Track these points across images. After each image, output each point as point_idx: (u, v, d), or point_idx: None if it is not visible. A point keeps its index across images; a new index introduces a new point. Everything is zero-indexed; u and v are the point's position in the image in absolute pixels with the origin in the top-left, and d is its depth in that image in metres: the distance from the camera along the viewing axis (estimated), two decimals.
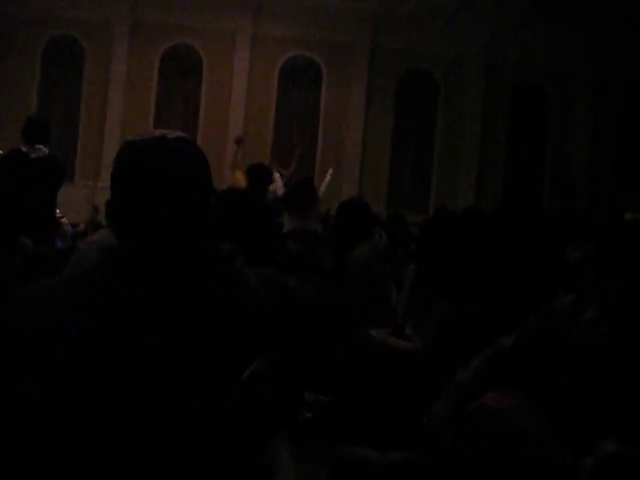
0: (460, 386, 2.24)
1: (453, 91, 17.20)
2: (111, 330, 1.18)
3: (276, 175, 7.96)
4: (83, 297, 1.22)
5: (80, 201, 13.38)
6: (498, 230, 3.32)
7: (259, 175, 6.19)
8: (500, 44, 16.57)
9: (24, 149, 5.14)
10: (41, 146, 5.15)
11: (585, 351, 1.93)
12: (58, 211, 5.58)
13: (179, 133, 1.33)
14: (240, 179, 7.98)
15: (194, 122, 17.14)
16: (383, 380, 3.05)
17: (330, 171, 9.87)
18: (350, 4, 16.03)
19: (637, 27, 14.39)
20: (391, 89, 17.22)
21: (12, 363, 1.20)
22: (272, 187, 7.14)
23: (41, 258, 4.10)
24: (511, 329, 2.27)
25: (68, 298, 1.23)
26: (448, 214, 4.03)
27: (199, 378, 1.21)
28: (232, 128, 16.88)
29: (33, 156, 5.08)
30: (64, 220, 9.61)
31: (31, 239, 4.24)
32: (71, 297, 1.23)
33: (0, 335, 1.22)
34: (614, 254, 2.01)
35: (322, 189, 8.82)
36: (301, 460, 2.24)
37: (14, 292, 1.32)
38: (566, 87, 16.84)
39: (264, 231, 2.11)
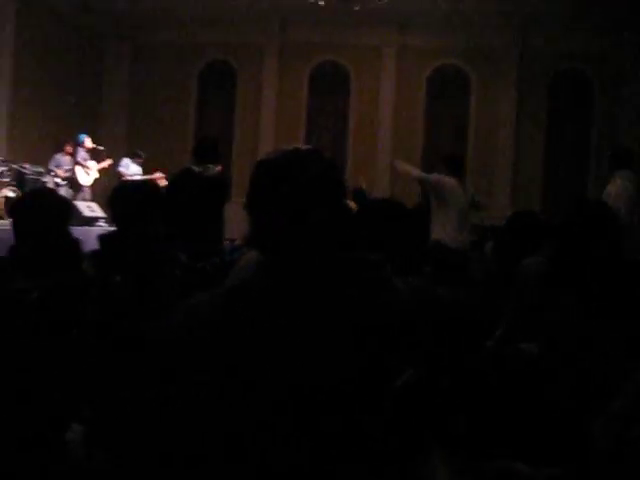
0: (616, 414, 2.14)
1: (607, 88, 16.45)
2: (266, 337, 1.23)
3: None
4: (240, 307, 1.27)
5: (236, 217, 13.86)
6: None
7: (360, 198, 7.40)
8: None
9: (195, 168, 5.40)
10: (211, 165, 5.39)
11: None
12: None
13: (309, 146, 1.38)
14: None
15: (344, 137, 17.39)
16: (531, 393, 2.96)
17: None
18: (496, 8, 15.70)
19: None
20: (542, 92, 16.72)
21: (177, 369, 1.26)
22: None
23: (200, 271, 4.27)
24: None
25: (226, 308, 1.29)
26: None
27: (348, 384, 1.23)
28: (381, 141, 17.00)
29: (205, 175, 5.33)
30: None
31: (200, 253, 4.43)
32: (229, 307, 1.29)
33: (165, 343, 1.30)
34: None
35: None
36: (456, 473, 2.21)
37: (177, 304, 1.40)
38: None
39: (412, 240, 2.11)
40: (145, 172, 13.20)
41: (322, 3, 13.02)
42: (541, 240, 4.31)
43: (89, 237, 9.19)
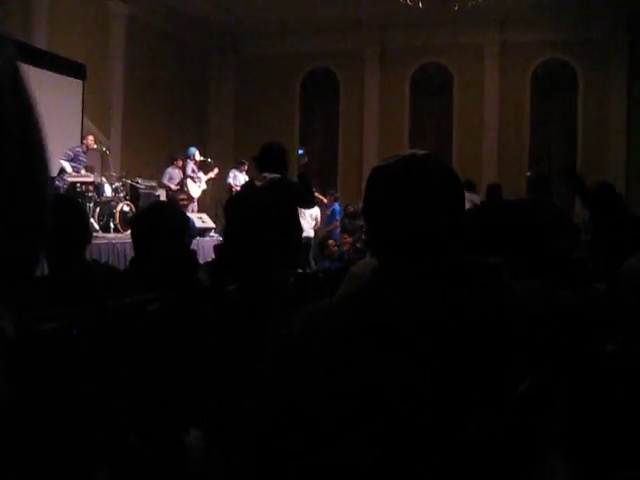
0: None
1: None
2: (383, 347, 1.23)
3: None
4: (355, 316, 1.28)
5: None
6: None
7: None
8: None
9: (255, 180, 5.32)
10: (267, 173, 5.24)
11: None
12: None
13: (426, 151, 1.36)
14: None
15: (448, 138, 17.22)
16: None
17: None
18: None
19: None
20: None
21: (301, 381, 1.27)
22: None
23: (311, 278, 4.33)
24: None
25: (341, 317, 1.30)
26: None
27: (473, 394, 1.22)
28: (486, 140, 16.73)
29: (258, 184, 5.22)
30: (331, 242, 10.07)
31: (277, 262, 4.41)
32: (343, 316, 1.30)
33: (288, 353, 1.32)
34: None
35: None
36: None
37: (293, 311, 1.42)
38: None
39: (530, 242, 2.07)
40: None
41: (421, 6, 12.93)
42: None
43: (201, 248, 9.47)
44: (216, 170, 13.72)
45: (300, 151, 5.88)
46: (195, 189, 13.37)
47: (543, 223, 2.19)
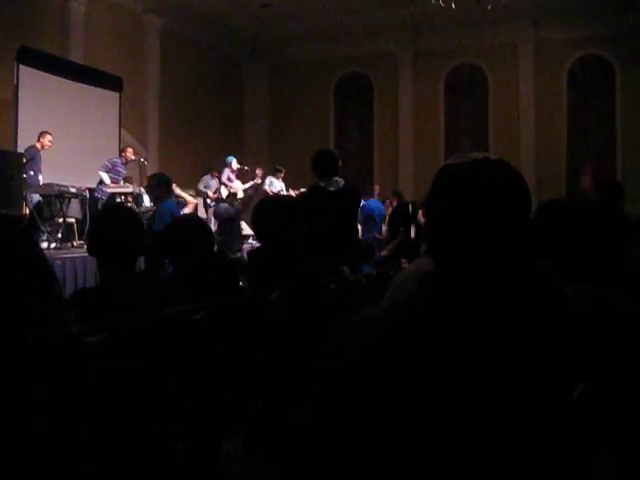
0: None
1: None
2: (434, 356, 1.22)
3: None
4: (404, 324, 1.27)
5: None
6: None
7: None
8: None
9: (322, 184, 5.33)
10: (337, 178, 5.31)
11: None
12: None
13: (493, 156, 1.33)
14: None
15: (484, 139, 17.08)
16: None
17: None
18: None
19: None
20: None
21: (349, 389, 1.27)
22: None
23: (355, 284, 4.33)
24: None
25: (391, 325, 1.29)
26: None
27: (526, 401, 1.20)
28: (523, 140, 16.58)
29: (332, 189, 5.26)
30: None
31: (342, 265, 4.46)
32: (393, 324, 1.29)
33: (336, 360, 1.31)
34: None
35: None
36: None
37: (336, 318, 1.42)
38: None
39: (584, 244, 2.03)
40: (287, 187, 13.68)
41: (454, 6, 12.87)
42: None
43: (242, 255, 9.50)
44: (258, 180, 13.83)
45: None
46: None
47: (581, 224, 2.14)
